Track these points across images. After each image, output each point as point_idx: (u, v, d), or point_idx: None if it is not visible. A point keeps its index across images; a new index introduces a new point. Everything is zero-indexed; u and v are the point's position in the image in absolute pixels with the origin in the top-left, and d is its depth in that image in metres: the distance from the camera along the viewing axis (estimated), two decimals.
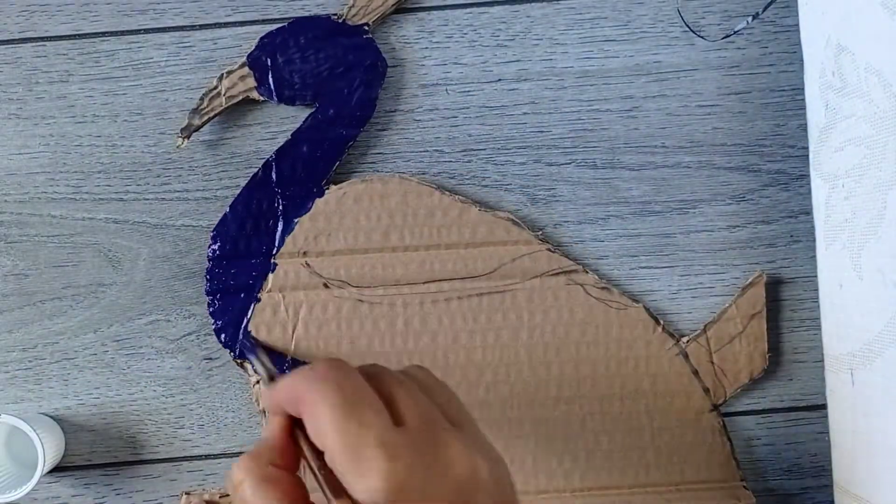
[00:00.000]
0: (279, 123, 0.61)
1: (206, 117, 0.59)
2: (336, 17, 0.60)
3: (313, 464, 0.40)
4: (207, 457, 0.61)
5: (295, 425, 0.42)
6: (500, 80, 0.61)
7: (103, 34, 0.61)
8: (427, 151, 0.61)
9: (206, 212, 0.61)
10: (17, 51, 0.60)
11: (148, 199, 0.61)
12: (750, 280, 0.60)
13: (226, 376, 0.61)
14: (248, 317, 0.60)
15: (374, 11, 0.60)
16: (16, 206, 0.60)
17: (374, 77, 0.60)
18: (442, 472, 0.39)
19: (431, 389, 0.43)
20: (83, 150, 0.61)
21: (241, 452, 0.61)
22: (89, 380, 0.61)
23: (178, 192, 0.61)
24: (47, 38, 0.60)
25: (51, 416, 0.61)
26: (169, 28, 0.61)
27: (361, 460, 0.37)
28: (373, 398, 0.40)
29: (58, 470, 0.61)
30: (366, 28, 0.60)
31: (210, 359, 0.61)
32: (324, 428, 0.38)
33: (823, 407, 0.60)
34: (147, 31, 0.61)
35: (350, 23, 0.60)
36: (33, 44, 0.60)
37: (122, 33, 0.60)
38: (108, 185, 0.61)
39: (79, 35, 0.60)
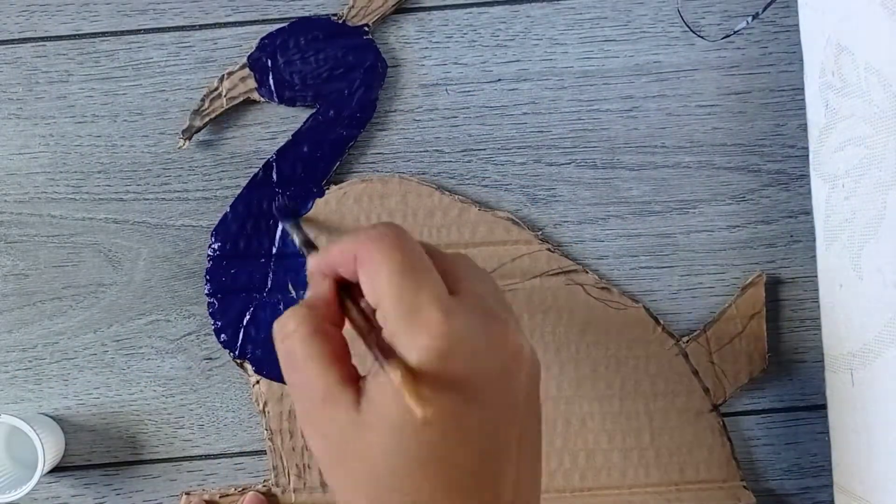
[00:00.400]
0: (279, 124, 0.61)
1: (206, 118, 0.59)
2: (336, 17, 0.60)
3: (362, 327, 0.40)
4: (207, 457, 0.61)
5: (342, 290, 0.42)
6: (500, 80, 0.61)
7: (103, 34, 0.61)
8: (427, 151, 0.61)
9: (206, 212, 0.61)
10: (17, 51, 0.60)
11: (148, 199, 0.61)
12: (750, 280, 0.60)
13: (226, 376, 0.61)
14: (248, 317, 0.60)
15: (374, 12, 0.60)
16: (16, 206, 0.60)
17: (374, 78, 0.60)
18: (494, 342, 0.39)
19: (482, 274, 0.43)
20: (83, 150, 0.61)
21: (241, 453, 0.61)
22: (89, 380, 0.61)
23: (178, 192, 0.61)
24: (47, 38, 0.60)
25: (51, 416, 0.61)
26: (169, 28, 0.61)
27: (418, 318, 0.37)
28: (430, 264, 0.40)
29: (58, 470, 0.61)
30: (366, 29, 0.60)
31: (210, 359, 0.61)
32: (381, 285, 0.38)
33: (823, 407, 0.60)
34: (147, 31, 0.61)
35: (350, 24, 0.60)
36: (33, 44, 0.60)
37: (122, 33, 0.61)
38: (108, 185, 0.61)
39: (79, 35, 0.61)
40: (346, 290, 0.42)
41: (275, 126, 0.61)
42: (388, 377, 0.37)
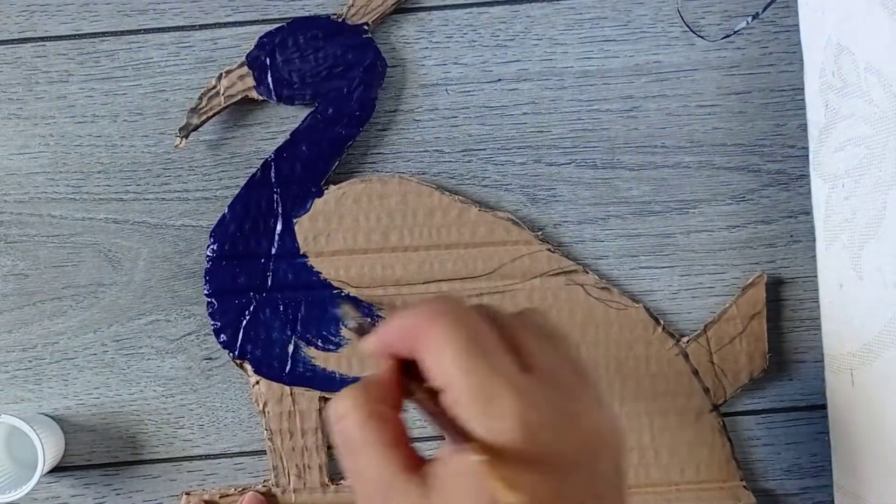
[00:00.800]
0: (279, 123, 0.61)
1: (204, 117, 0.59)
2: (335, 16, 0.60)
3: (427, 407, 0.38)
4: (207, 457, 0.61)
5: (403, 368, 0.39)
6: (500, 80, 0.61)
7: (103, 34, 0.61)
8: (427, 151, 0.61)
9: (206, 212, 0.61)
10: (17, 51, 0.60)
11: (148, 199, 0.61)
12: (750, 280, 0.60)
13: (226, 376, 0.61)
14: (248, 317, 0.60)
15: (373, 11, 0.60)
16: (16, 206, 0.60)
17: (374, 77, 0.60)
18: (573, 422, 0.37)
19: (552, 337, 0.40)
20: (83, 150, 0.61)
21: (241, 453, 0.61)
22: (89, 380, 0.61)
23: (178, 192, 0.61)
24: (47, 38, 0.60)
25: (51, 416, 0.61)
26: (169, 28, 0.61)
27: (493, 402, 0.35)
28: (498, 340, 0.37)
29: (58, 470, 0.61)
30: (365, 28, 0.60)
31: (210, 359, 0.61)
32: (448, 367, 0.36)
33: (823, 407, 0.60)
34: (147, 31, 0.61)
35: (349, 22, 0.60)
36: (33, 44, 0.61)
37: (122, 33, 0.61)
38: (108, 185, 0.61)
39: (79, 35, 0.61)
40: (406, 369, 0.39)
41: (275, 126, 0.61)
42: (460, 462, 0.35)
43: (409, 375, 0.39)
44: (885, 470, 0.52)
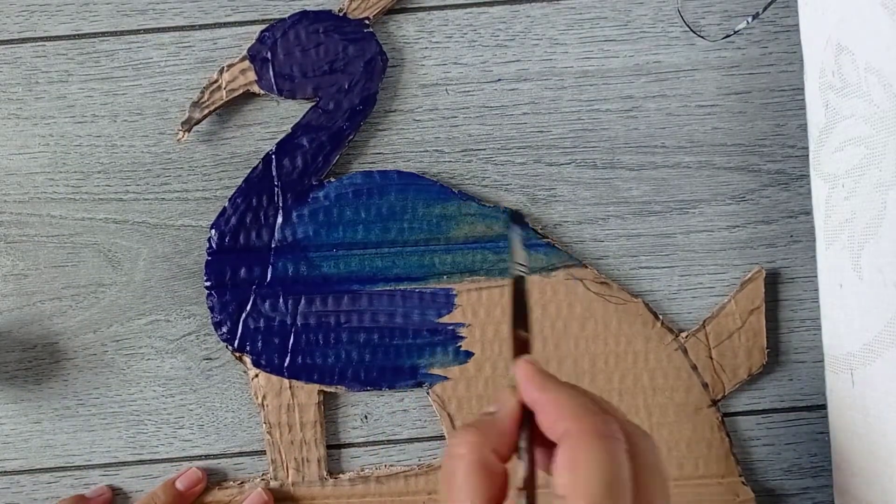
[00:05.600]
0: (279, 123, 0.61)
1: (206, 110, 0.59)
2: (337, 10, 0.60)
3: (527, 456, 0.40)
4: (207, 457, 0.61)
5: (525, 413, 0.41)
6: (500, 80, 0.61)
7: (103, 34, 0.60)
8: (427, 151, 0.61)
9: (205, 212, 0.61)
10: (17, 51, 0.60)
11: (148, 199, 0.61)
12: (749, 275, 0.60)
13: (226, 376, 0.61)
14: (247, 310, 0.60)
15: (374, 5, 0.60)
16: (16, 206, 0.60)
17: (375, 71, 0.60)
18: None
19: (665, 488, 0.41)
20: (83, 150, 0.60)
21: (241, 453, 0.61)
22: (89, 380, 0.61)
23: (178, 192, 0.61)
24: (47, 38, 0.60)
25: (50, 416, 0.61)
26: (169, 28, 0.61)
27: None
28: (630, 488, 0.38)
29: (58, 470, 0.61)
30: (366, 22, 0.60)
31: (210, 359, 0.61)
32: (581, 483, 0.37)
33: (823, 407, 0.60)
34: (147, 31, 0.60)
35: (351, 16, 0.60)
36: (33, 44, 0.60)
37: (122, 33, 0.60)
38: (108, 185, 0.61)
39: (79, 35, 0.60)
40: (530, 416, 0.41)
41: (274, 126, 0.61)
42: None
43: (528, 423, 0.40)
44: (885, 470, 0.52)
